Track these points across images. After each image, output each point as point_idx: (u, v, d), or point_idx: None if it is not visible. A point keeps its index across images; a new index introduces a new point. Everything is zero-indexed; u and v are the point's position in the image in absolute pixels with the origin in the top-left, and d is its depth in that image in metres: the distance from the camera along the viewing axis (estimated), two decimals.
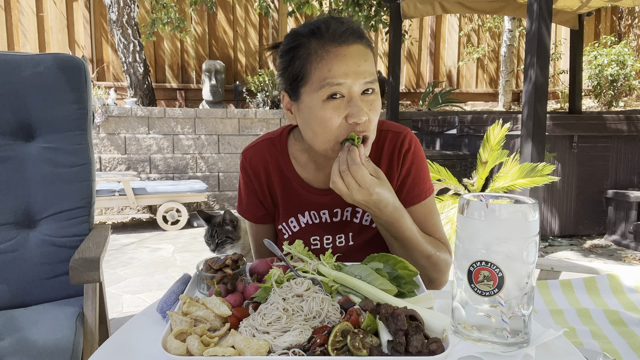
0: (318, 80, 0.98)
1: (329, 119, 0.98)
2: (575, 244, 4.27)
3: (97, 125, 5.35)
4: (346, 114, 0.98)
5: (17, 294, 1.49)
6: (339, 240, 1.18)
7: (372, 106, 1.00)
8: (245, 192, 1.22)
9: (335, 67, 0.97)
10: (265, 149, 1.19)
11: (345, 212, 1.17)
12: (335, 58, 0.97)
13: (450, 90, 7.83)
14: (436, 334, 0.72)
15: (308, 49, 1.00)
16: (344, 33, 0.99)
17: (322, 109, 0.98)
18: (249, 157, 1.20)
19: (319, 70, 0.98)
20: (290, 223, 1.19)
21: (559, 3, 5.01)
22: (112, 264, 3.76)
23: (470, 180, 3.61)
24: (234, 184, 5.86)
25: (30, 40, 6.75)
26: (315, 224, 1.18)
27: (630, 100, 7.60)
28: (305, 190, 1.17)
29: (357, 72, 0.97)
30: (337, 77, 0.97)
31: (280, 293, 0.80)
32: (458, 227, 0.75)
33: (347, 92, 0.98)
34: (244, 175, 1.21)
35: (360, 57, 0.99)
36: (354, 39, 0.99)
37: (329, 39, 0.99)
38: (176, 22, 6.47)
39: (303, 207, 1.18)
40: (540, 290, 1.58)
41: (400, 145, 1.14)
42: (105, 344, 0.78)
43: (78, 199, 1.59)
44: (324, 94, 0.98)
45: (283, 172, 1.18)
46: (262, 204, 1.21)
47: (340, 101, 0.98)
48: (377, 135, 1.14)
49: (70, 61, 1.61)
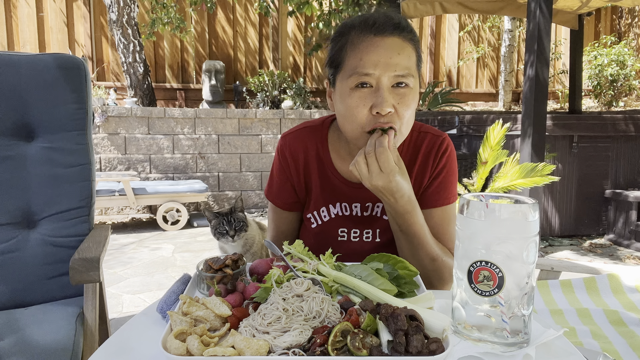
0: (350, 68, 1.00)
1: (355, 107, 0.99)
2: (575, 243, 4.28)
3: (97, 125, 5.35)
4: (372, 104, 0.99)
5: (17, 294, 1.49)
6: (366, 235, 1.18)
7: (402, 100, 0.99)
8: (279, 177, 1.23)
9: (366, 57, 0.98)
10: (306, 135, 1.20)
11: (375, 208, 1.18)
12: (367, 48, 0.98)
13: (450, 90, 7.83)
14: (436, 334, 0.72)
15: (348, 38, 1.02)
16: (383, 24, 0.99)
17: (350, 97, 1.00)
18: (288, 141, 1.20)
19: (352, 59, 1.00)
20: (322, 212, 1.19)
21: (559, 3, 5.01)
22: (112, 264, 3.76)
23: (470, 180, 3.61)
24: (234, 184, 5.86)
25: (30, 40, 6.75)
26: (345, 216, 1.19)
27: (630, 100, 7.59)
28: (339, 181, 1.18)
29: (387, 63, 0.97)
30: (367, 67, 0.98)
31: (280, 293, 0.80)
32: (458, 227, 0.75)
33: (376, 82, 0.98)
34: (281, 159, 1.21)
35: (394, 50, 0.98)
36: (392, 31, 0.99)
37: (367, 30, 1.00)
38: (176, 22, 6.46)
39: (336, 197, 1.18)
40: (540, 290, 1.58)
41: (438, 146, 1.16)
42: (105, 344, 0.78)
43: (78, 199, 1.59)
44: (352, 82, 0.99)
45: (321, 160, 1.19)
46: (294, 191, 1.22)
47: (368, 91, 0.99)
48: (416, 135, 1.17)
49: (70, 61, 1.61)
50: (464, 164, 5.00)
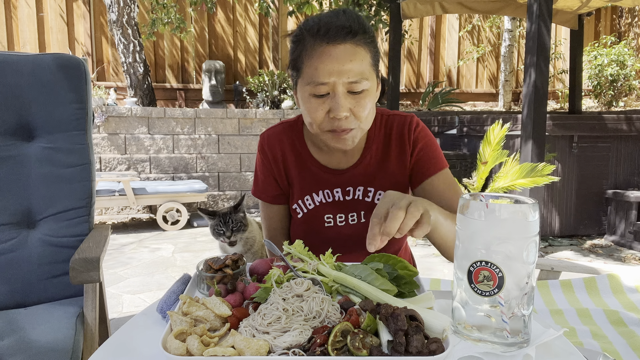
0: (307, 76, 1.06)
1: (314, 111, 1.06)
2: (575, 244, 4.28)
3: (97, 125, 5.35)
4: (329, 108, 1.05)
5: (17, 294, 1.49)
6: (352, 218, 1.24)
7: (358, 103, 1.06)
8: (262, 171, 1.30)
9: (321, 66, 1.03)
10: (283, 132, 1.28)
11: (357, 191, 1.23)
12: (320, 57, 1.03)
13: (450, 90, 7.83)
14: (436, 334, 0.72)
15: (304, 45, 1.07)
16: (334, 31, 1.03)
17: (309, 102, 1.07)
18: (266, 138, 1.28)
19: (308, 67, 1.05)
20: (306, 201, 1.25)
21: (559, 3, 5.01)
22: (112, 264, 3.76)
23: (470, 180, 3.61)
24: (234, 184, 5.86)
25: (30, 40, 6.75)
26: (329, 202, 1.24)
27: (630, 100, 7.59)
28: (319, 170, 1.24)
29: (340, 71, 1.02)
30: (322, 76, 1.03)
31: (280, 293, 0.80)
32: (458, 227, 0.75)
33: (331, 89, 1.04)
34: (261, 155, 1.29)
35: (346, 57, 1.03)
36: (344, 37, 1.03)
37: (319, 37, 1.04)
38: (176, 22, 6.46)
39: (318, 185, 1.24)
40: (540, 290, 1.58)
41: (409, 124, 1.22)
42: (105, 344, 0.78)
43: (78, 199, 1.59)
44: (310, 90, 1.05)
45: (299, 153, 1.26)
46: (277, 183, 1.29)
47: (326, 97, 1.05)
48: (385, 118, 1.24)
49: (70, 61, 1.61)
50: (464, 164, 5.00)
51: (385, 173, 1.23)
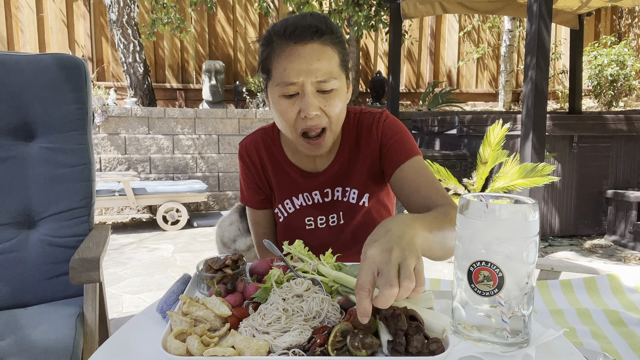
0: (277, 78, 1.06)
1: (285, 113, 1.08)
2: (575, 244, 4.28)
3: (97, 125, 5.35)
4: (300, 109, 1.06)
5: (17, 294, 1.49)
6: (332, 220, 1.26)
7: (328, 102, 1.07)
8: (245, 179, 1.32)
9: (290, 66, 1.04)
10: (260, 138, 1.30)
11: (336, 192, 1.25)
12: (289, 57, 1.04)
13: (450, 90, 7.83)
14: (436, 334, 0.72)
15: (272, 46, 1.08)
16: (301, 31, 1.04)
17: (279, 104, 1.08)
18: (245, 146, 1.31)
19: (277, 68, 1.06)
20: (286, 205, 1.27)
21: (559, 3, 5.01)
22: (112, 264, 3.76)
23: (470, 180, 3.61)
24: (234, 184, 5.86)
25: (30, 40, 6.75)
26: (309, 205, 1.26)
27: (630, 100, 7.59)
28: (297, 174, 1.26)
29: (309, 70, 1.03)
30: (290, 76, 1.04)
31: (280, 293, 0.80)
32: (458, 227, 0.75)
33: (300, 89, 1.05)
34: (242, 163, 1.31)
35: (313, 56, 1.04)
36: (311, 37, 1.04)
37: (286, 38, 1.05)
38: (176, 22, 6.46)
39: (297, 189, 1.26)
40: (540, 290, 1.58)
41: (377, 119, 1.23)
42: (105, 344, 0.78)
43: (78, 199, 1.59)
44: (280, 91, 1.06)
45: (276, 159, 1.27)
46: (260, 188, 1.31)
47: (295, 97, 1.06)
48: (358, 116, 1.25)
49: (70, 61, 1.61)
50: (463, 164, 5.00)
51: (360, 170, 1.23)
